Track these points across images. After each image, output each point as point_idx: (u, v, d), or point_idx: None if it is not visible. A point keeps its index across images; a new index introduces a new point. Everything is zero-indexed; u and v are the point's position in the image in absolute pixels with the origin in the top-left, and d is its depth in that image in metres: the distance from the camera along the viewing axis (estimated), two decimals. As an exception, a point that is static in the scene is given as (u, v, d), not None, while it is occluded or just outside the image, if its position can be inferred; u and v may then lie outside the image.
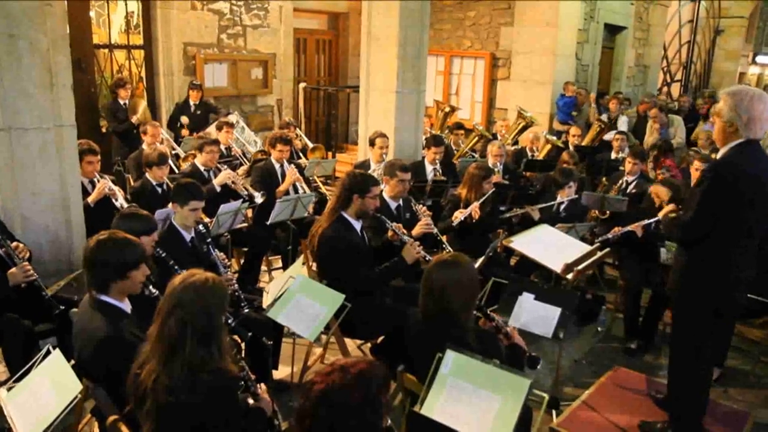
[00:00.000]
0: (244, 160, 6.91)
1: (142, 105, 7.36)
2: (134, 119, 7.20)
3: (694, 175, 5.46)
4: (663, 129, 9.06)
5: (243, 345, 3.45)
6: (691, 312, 3.33)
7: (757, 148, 3.13)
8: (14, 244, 3.66)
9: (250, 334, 3.39)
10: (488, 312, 3.09)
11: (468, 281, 2.74)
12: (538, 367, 3.11)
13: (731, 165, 3.10)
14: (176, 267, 3.40)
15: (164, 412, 2.17)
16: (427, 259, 3.77)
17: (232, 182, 5.54)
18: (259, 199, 5.46)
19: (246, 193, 5.49)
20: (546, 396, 2.61)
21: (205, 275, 2.33)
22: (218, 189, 5.47)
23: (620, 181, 6.16)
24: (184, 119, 7.88)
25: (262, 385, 2.62)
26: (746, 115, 3.02)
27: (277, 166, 5.88)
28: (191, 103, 8.08)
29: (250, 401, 2.47)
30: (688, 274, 3.29)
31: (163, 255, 3.51)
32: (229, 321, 3.29)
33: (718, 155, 3.23)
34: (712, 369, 3.56)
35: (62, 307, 3.50)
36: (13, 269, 3.52)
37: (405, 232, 4.16)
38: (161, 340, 2.22)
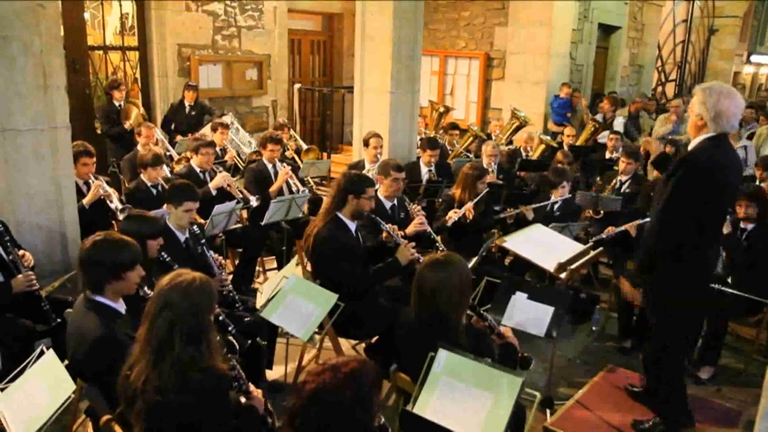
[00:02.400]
0: (239, 161, 6.92)
1: (135, 112, 7.32)
2: (126, 125, 7.18)
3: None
4: (677, 123, 8.75)
5: (238, 345, 3.45)
6: (668, 303, 3.47)
7: (725, 141, 3.32)
8: (21, 252, 3.69)
9: (249, 342, 3.38)
10: (481, 311, 3.10)
11: (459, 281, 2.74)
12: (531, 367, 3.12)
13: (700, 157, 3.27)
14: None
15: (155, 413, 2.18)
16: (421, 260, 3.78)
17: (228, 185, 5.54)
18: (254, 203, 5.47)
19: (241, 196, 5.50)
20: (538, 394, 2.62)
21: (192, 275, 2.34)
22: (214, 192, 5.47)
23: (614, 181, 6.17)
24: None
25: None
26: (714, 110, 3.20)
27: (269, 166, 5.89)
28: (186, 104, 8.07)
29: (242, 399, 2.47)
30: (663, 264, 3.41)
31: (167, 259, 3.51)
32: (230, 328, 3.29)
33: (690, 147, 3.41)
34: (684, 357, 3.74)
35: (59, 320, 3.51)
36: (19, 277, 3.54)
37: (400, 233, 4.17)
38: (150, 341, 2.23)
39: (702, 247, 3.36)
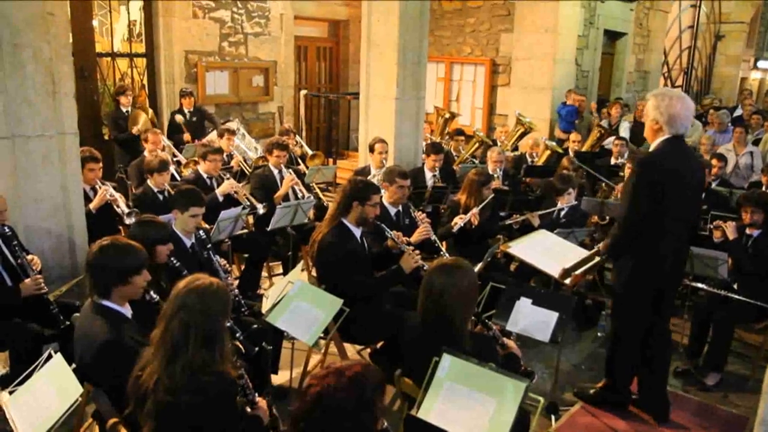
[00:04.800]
0: (245, 167, 6.95)
1: (143, 117, 7.37)
2: (134, 130, 7.23)
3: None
4: None
5: (244, 350, 3.46)
6: (630, 292, 3.66)
7: (681, 143, 3.55)
8: (30, 257, 3.72)
9: (257, 348, 3.39)
10: (486, 321, 3.11)
11: (467, 286, 2.76)
12: (532, 382, 3.12)
13: (654, 159, 3.50)
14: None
15: (164, 413, 2.20)
16: (425, 268, 3.78)
17: (235, 192, 5.57)
18: (261, 210, 5.49)
19: (248, 203, 5.52)
20: (542, 399, 2.63)
21: (210, 279, 2.37)
22: (221, 199, 5.50)
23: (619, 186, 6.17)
24: (179, 117, 7.90)
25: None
26: (667, 113, 3.40)
27: (275, 172, 5.93)
28: (185, 110, 8.11)
29: (248, 409, 2.49)
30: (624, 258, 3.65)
31: (177, 264, 3.53)
32: (237, 335, 3.30)
33: (650, 150, 3.61)
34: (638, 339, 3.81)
35: (68, 323, 3.54)
36: (27, 281, 3.58)
37: (404, 240, 4.18)
38: (164, 342, 2.26)
39: (658, 244, 3.50)
